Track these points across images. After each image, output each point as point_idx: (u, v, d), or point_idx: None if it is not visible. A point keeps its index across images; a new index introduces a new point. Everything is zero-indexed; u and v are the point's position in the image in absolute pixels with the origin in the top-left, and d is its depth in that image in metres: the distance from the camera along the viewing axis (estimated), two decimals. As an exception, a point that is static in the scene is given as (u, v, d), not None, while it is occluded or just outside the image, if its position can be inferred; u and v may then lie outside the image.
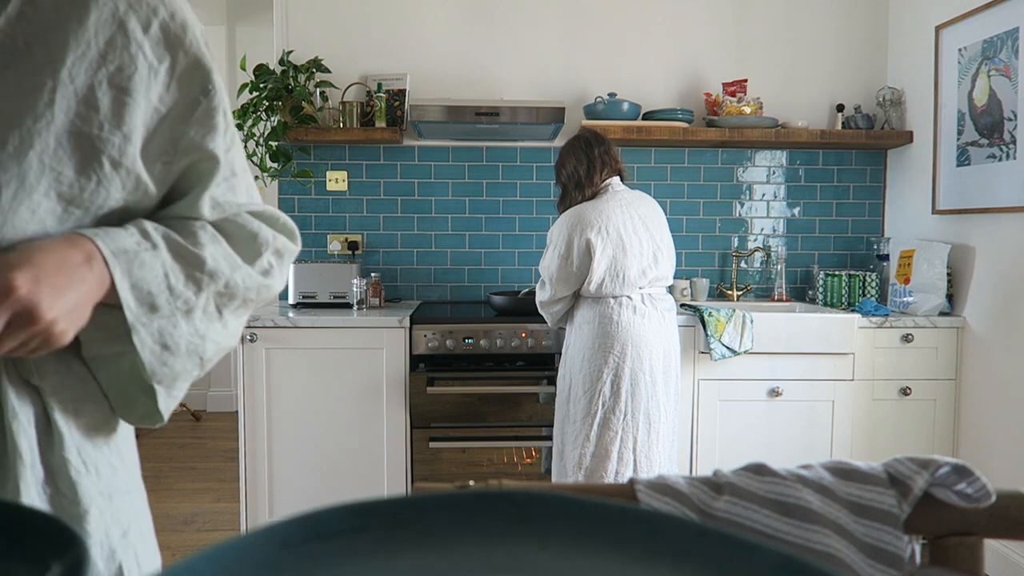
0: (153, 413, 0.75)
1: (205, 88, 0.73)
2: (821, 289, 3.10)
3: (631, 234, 2.19)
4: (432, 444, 2.59)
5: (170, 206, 0.76)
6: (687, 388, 2.64)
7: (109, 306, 0.68)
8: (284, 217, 0.84)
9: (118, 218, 0.71)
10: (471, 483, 0.55)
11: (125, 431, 0.80)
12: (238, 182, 0.79)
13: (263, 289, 0.81)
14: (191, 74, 0.72)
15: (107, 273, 0.66)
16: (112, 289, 0.67)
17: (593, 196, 2.27)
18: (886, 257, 3.10)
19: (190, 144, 0.73)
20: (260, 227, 0.80)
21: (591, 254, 2.17)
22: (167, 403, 0.75)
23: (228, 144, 0.77)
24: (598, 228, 2.17)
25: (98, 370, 0.74)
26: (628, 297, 2.21)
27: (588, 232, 2.17)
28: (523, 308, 2.67)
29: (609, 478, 2.14)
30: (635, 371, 2.16)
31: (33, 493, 0.67)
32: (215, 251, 0.74)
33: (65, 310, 0.62)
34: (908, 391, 2.69)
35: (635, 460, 2.16)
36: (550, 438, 2.52)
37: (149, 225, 0.71)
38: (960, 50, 2.75)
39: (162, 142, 0.71)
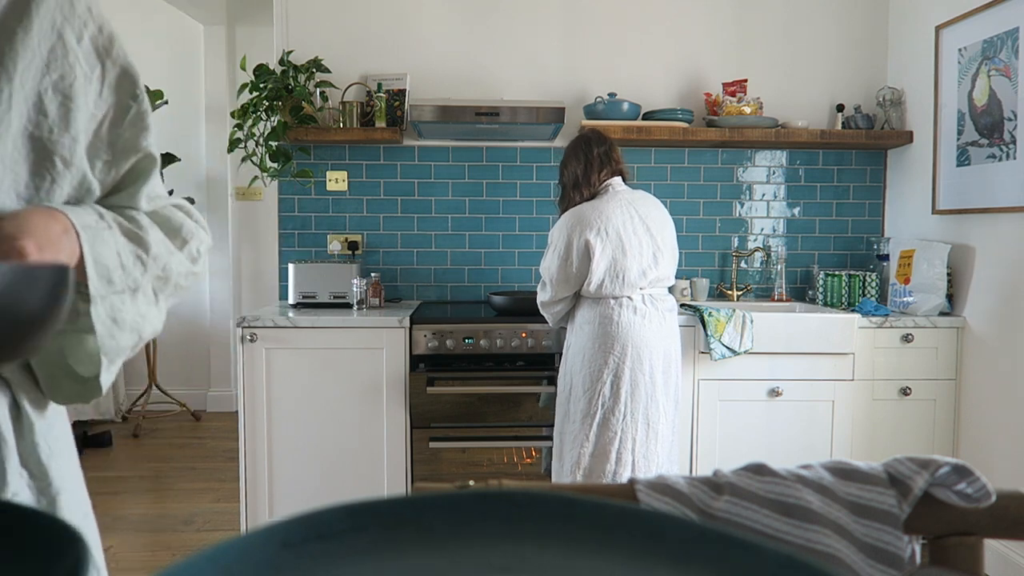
0: (82, 392, 0.78)
1: (134, 94, 0.80)
2: (821, 289, 3.10)
3: (631, 234, 2.19)
4: (432, 444, 2.59)
5: (109, 197, 0.81)
6: (687, 388, 2.64)
7: None
8: (196, 212, 0.91)
9: None
10: (471, 483, 0.55)
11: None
12: (158, 179, 0.86)
13: (190, 276, 0.87)
14: (121, 82, 0.79)
15: (77, 246, 0.70)
16: (79, 262, 0.70)
17: (592, 196, 2.27)
18: (886, 257, 3.10)
19: (128, 144, 0.80)
20: (184, 219, 0.87)
21: (590, 255, 2.16)
22: (107, 377, 0.78)
23: (155, 143, 0.84)
24: (597, 229, 2.17)
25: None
26: (628, 298, 2.21)
27: (587, 233, 2.16)
28: (523, 308, 2.67)
29: (607, 478, 2.14)
30: (635, 372, 2.15)
31: (16, 477, 0.71)
32: (155, 236, 0.80)
33: None
34: (908, 391, 2.69)
35: (634, 461, 2.16)
36: (550, 438, 2.52)
37: (100, 208, 0.77)
38: (960, 50, 2.75)
39: (100, 143, 0.78)
